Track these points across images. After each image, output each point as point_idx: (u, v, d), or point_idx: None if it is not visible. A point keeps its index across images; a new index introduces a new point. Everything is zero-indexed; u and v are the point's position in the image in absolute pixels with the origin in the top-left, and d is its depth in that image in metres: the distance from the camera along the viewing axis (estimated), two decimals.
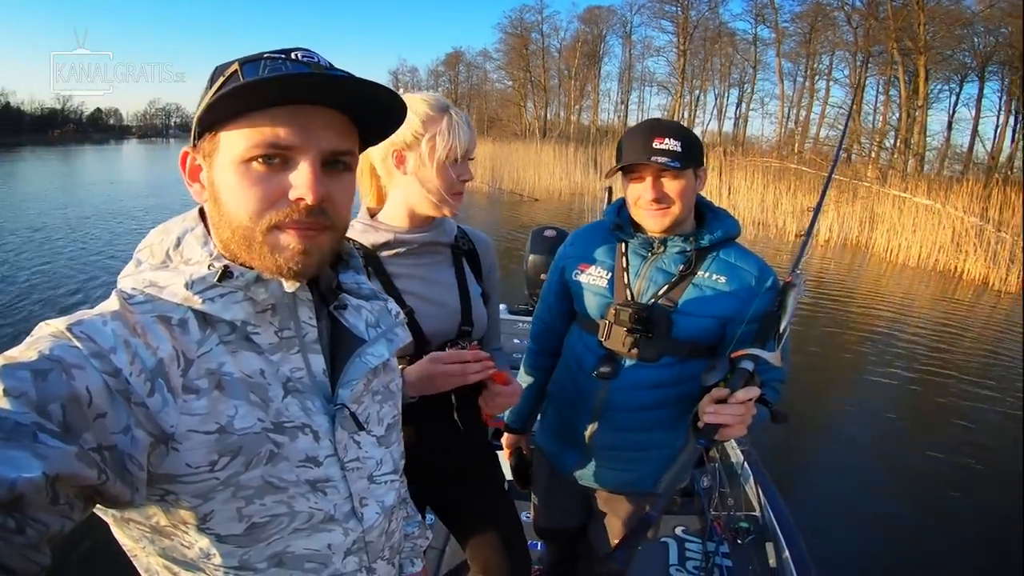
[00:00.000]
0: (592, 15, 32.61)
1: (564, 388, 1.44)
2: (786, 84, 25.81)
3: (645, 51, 31.59)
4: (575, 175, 18.27)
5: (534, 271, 3.66)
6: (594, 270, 1.35)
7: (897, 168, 16.21)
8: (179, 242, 0.62)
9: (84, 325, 0.52)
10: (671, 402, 1.29)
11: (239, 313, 0.60)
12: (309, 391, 0.66)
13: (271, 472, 0.61)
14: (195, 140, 0.61)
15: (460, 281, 1.21)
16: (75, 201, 14.51)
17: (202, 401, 0.56)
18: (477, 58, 39.81)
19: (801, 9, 24.15)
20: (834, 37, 22.99)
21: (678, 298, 1.25)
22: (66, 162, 29.18)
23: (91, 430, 0.48)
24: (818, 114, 24.16)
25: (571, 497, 1.53)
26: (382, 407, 0.78)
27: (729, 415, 1.07)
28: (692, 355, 1.27)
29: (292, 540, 0.65)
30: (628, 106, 32.58)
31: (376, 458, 0.76)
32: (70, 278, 7.39)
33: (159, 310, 0.57)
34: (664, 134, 1.21)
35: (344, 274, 0.76)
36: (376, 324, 0.75)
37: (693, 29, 28.23)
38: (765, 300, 1.22)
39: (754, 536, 2.27)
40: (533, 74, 34.79)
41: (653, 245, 1.28)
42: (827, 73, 24.10)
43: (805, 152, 18.91)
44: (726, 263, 1.27)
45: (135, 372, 0.52)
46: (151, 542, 0.61)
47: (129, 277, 0.60)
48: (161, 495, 0.56)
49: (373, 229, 1.15)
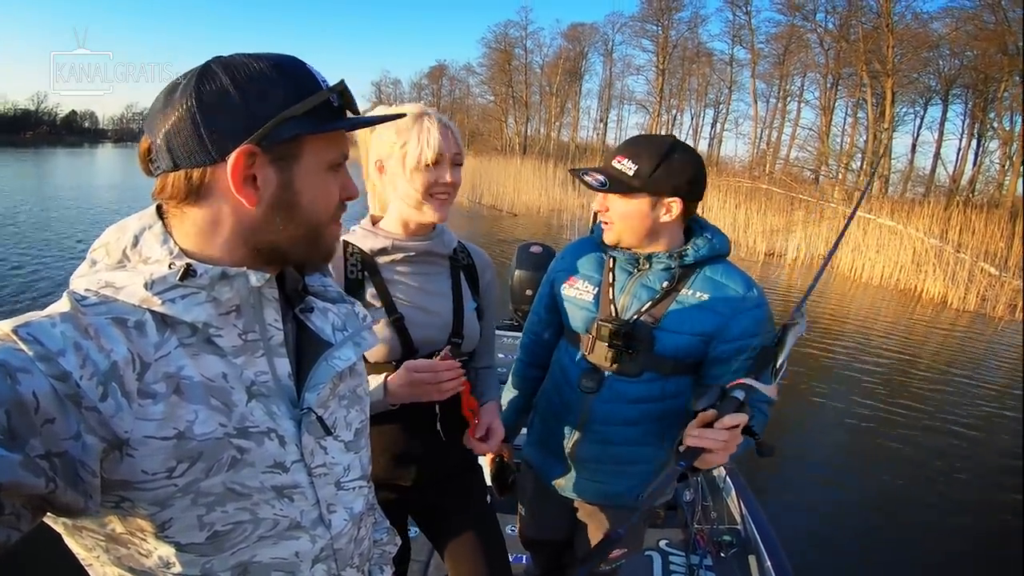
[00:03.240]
0: (575, 32, 33.13)
1: (550, 400, 1.46)
2: (760, 105, 26.54)
3: (625, 69, 32.20)
4: (554, 191, 18.47)
5: (519, 287, 3.69)
6: (581, 284, 1.37)
7: (862, 190, 16.61)
8: (137, 240, 0.60)
9: (31, 327, 0.49)
10: (653, 417, 1.30)
11: (201, 315, 0.58)
12: (274, 395, 0.64)
13: (233, 479, 0.60)
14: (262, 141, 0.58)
15: (455, 293, 1.22)
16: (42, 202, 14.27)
17: (159, 406, 0.54)
18: (460, 72, 40.13)
19: (776, 30, 24.87)
20: (806, 59, 23.64)
21: (660, 315, 1.26)
22: (38, 165, 28.59)
23: (39, 436, 0.46)
24: (789, 135, 24.84)
25: (557, 508, 1.54)
26: (349, 411, 0.77)
27: (712, 440, 1.05)
28: (675, 371, 1.28)
29: (258, 548, 0.64)
30: (607, 124, 33.10)
31: (344, 464, 0.75)
32: (31, 278, 7.26)
33: (115, 311, 0.55)
34: (627, 154, 1.22)
35: (310, 277, 0.75)
36: (343, 327, 0.75)
37: (672, 48, 28.81)
38: (749, 319, 1.23)
39: (737, 549, 2.31)
40: (515, 89, 35.11)
41: (639, 261, 1.29)
42: (799, 95, 24.79)
43: (776, 172, 19.32)
44: (711, 280, 1.26)
45: (86, 376, 0.50)
46: (106, 551, 0.59)
47: (83, 278, 0.58)
48: (116, 502, 0.55)
49: (372, 235, 1.17)
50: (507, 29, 34.88)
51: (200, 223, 0.61)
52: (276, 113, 0.58)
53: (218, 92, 0.57)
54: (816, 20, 22.36)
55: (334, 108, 0.62)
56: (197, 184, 0.59)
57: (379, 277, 1.16)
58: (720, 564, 2.26)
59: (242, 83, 0.58)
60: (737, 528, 2.43)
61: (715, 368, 1.26)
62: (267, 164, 0.60)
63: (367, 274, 1.16)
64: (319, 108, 0.60)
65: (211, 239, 0.61)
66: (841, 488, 3.95)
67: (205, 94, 0.57)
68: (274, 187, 0.61)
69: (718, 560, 2.27)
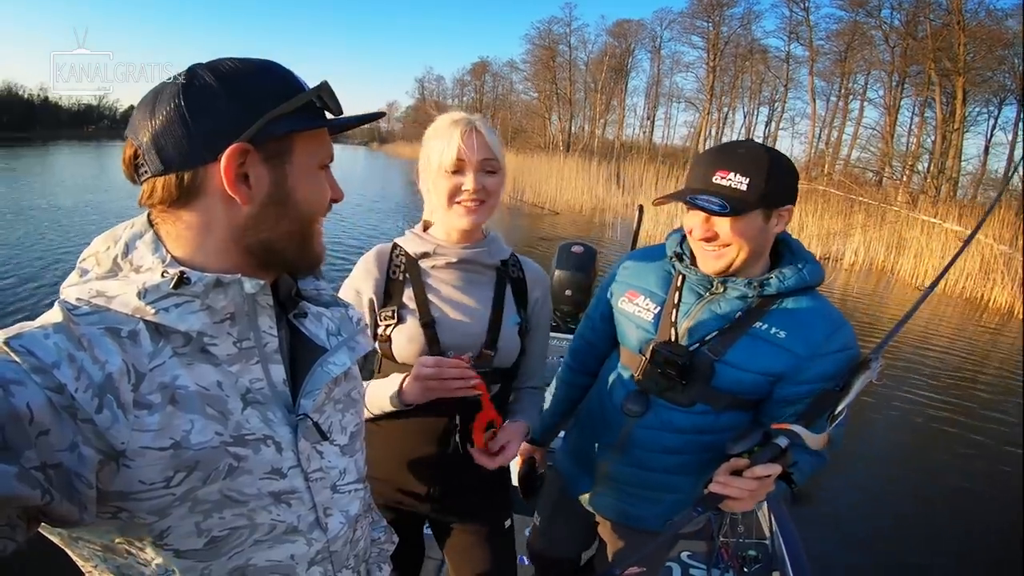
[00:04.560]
0: (621, 29, 32.67)
1: (592, 414, 1.37)
2: (818, 103, 25.43)
3: (674, 66, 31.49)
4: (597, 190, 18.19)
5: (559, 287, 3.61)
6: (642, 300, 1.25)
7: (928, 193, 15.81)
8: (128, 249, 0.59)
9: (24, 338, 0.49)
10: (698, 449, 1.19)
11: (195, 323, 0.58)
12: (270, 402, 0.65)
13: (230, 486, 0.60)
14: (254, 138, 0.58)
15: (496, 304, 1.19)
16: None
17: (155, 416, 0.54)
18: (503, 68, 40.40)
19: (837, 27, 23.84)
20: (870, 56, 22.58)
21: (726, 348, 1.12)
22: (97, 157, 30.08)
23: (33, 448, 0.46)
24: (850, 135, 23.76)
25: (574, 525, 1.49)
26: (344, 416, 0.77)
27: (737, 489, 0.98)
28: (730, 407, 1.16)
29: (254, 552, 0.64)
30: (654, 122, 32.47)
31: (340, 467, 0.75)
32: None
33: (107, 322, 0.54)
34: (730, 167, 1.05)
35: (303, 281, 0.75)
36: (337, 332, 0.75)
37: (724, 45, 28.01)
38: (830, 362, 1.08)
39: (762, 564, 2.21)
40: (559, 86, 34.88)
41: (712, 284, 1.15)
42: (862, 93, 23.69)
43: (835, 174, 18.53)
44: (793, 315, 1.11)
45: (81, 388, 0.50)
46: (103, 560, 0.59)
47: (74, 287, 0.57)
48: (113, 512, 0.54)
49: (419, 239, 1.19)
50: (551, 26, 34.77)
51: (192, 227, 0.60)
52: (266, 111, 0.58)
53: (207, 92, 0.57)
54: (881, 16, 21.41)
55: (317, 109, 0.63)
56: (188, 186, 0.58)
57: (419, 280, 1.16)
58: None
59: (230, 83, 0.58)
60: (765, 543, 2.31)
61: (777, 409, 1.13)
62: (259, 162, 0.60)
63: (407, 276, 1.17)
64: (306, 108, 0.61)
65: (203, 243, 0.61)
66: (884, 507, 3.70)
67: (193, 95, 0.57)
68: (267, 185, 0.61)
69: (741, 575, 2.17)
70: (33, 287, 6.71)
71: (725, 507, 1.03)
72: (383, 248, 1.21)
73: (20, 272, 7.28)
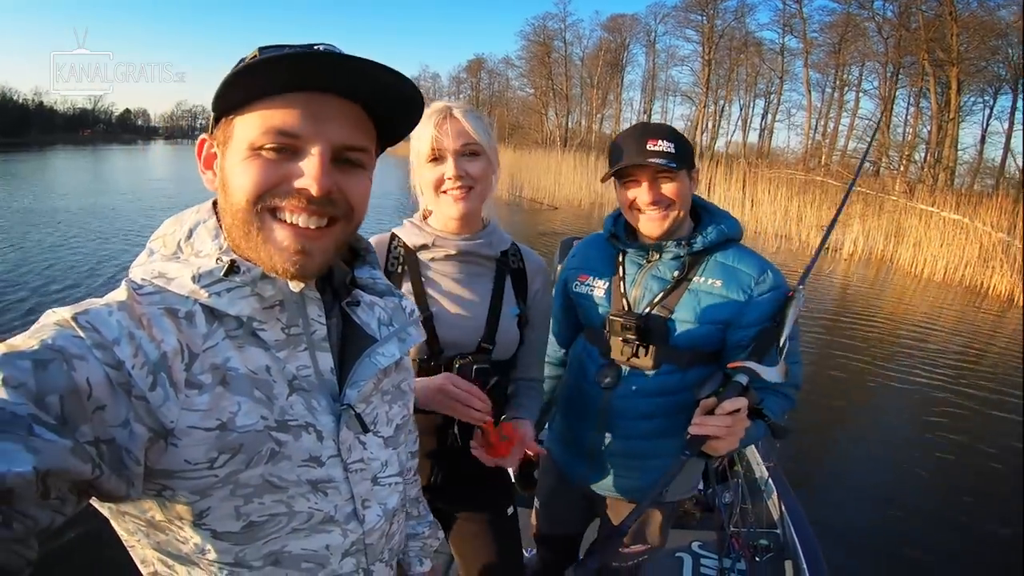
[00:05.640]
0: (616, 23, 32.73)
1: (570, 396, 1.45)
2: (814, 95, 25.57)
3: (669, 60, 31.56)
4: (595, 184, 18.19)
5: None
6: (591, 280, 1.37)
7: (926, 182, 15.89)
8: (191, 234, 0.61)
9: (90, 315, 0.51)
10: (673, 410, 1.26)
11: (245, 308, 0.59)
12: (315, 390, 0.65)
13: (271, 471, 0.61)
14: (212, 127, 0.61)
15: (495, 297, 1.18)
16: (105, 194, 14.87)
17: (204, 397, 0.55)
18: (499, 65, 40.40)
19: (831, 19, 23.95)
20: (864, 48, 22.67)
21: (673, 305, 1.25)
22: (95, 162, 29.97)
23: (89, 423, 0.47)
24: (846, 126, 23.91)
25: (573, 502, 1.54)
26: (391, 407, 0.77)
27: (713, 426, 1.06)
28: (694, 363, 1.26)
29: (289, 540, 0.64)
30: (651, 115, 32.34)
31: (382, 460, 0.74)
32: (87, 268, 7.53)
33: (167, 302, 0.56)
34: (657, 136, 1.20)
35: (360, 269, 0.75)
36: (389, 322, 0.74)
37: (719, 39, 28.08)
38: (766, 302, 1.20)
39: (773, 553, 2.22)
40: (555, 82, 34.89)
41: (649, 252, 1.28)
42: (856, 84, 23.80)
43: (832, 164, 18.61)
44: (723, 266, 1.24)
45: (138, 365, 0.51)
46: (146, 535, 0.60)
47: (140, 267, 0.60)
48: (158, 490, 0.56)
49: (419, 229, 1.17)
50: (546, 21, 34.87)
51: None
52: (219, 94, 0.57)
53: None
54: (874, 8, 21.47)
55: (277, 75, 0.56)
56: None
57: (417, 273, 1.15)
58: (754, 568, 2.16)
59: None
60: (776, 532, 2.33)
61: (735, 356, 1.20)
62: (216, 150, 0.61)
63: (406, 269, 1.15)
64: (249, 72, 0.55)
65: None
66: (890, 493, 3.70)
67: None
68: (219, 172, 0.61)
69: (752, 564, 2.17)
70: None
71: (709, 449, 1.09)
72: (381, 239, 1.19)
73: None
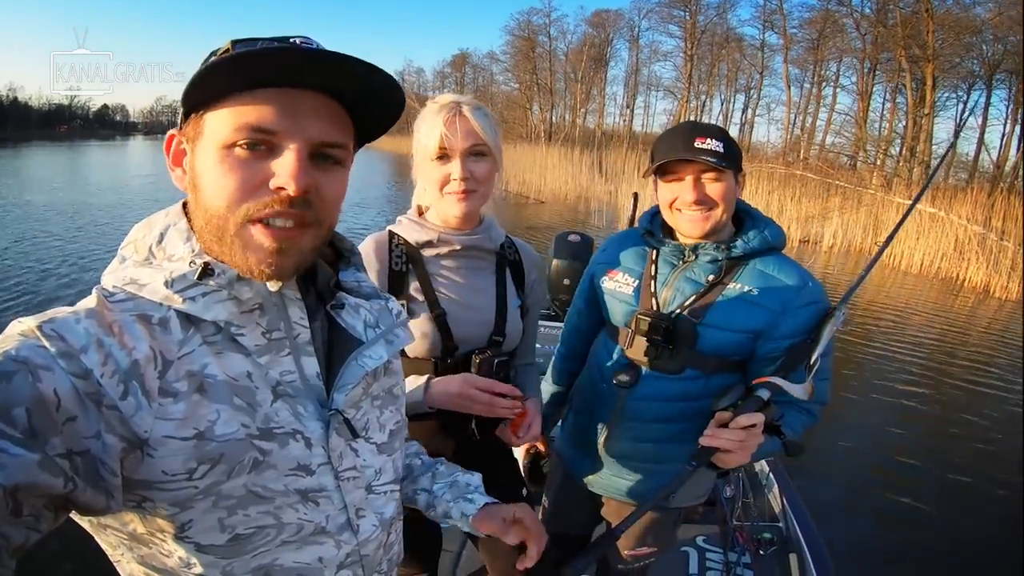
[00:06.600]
0: (600, 18, 32.79)
1: (585, 394, 1.41)
2: (793, 90, 25.88)
3: (652, 55, 31.78)
4: (581, 178, 18.33)
5: (557, 276, 3.63)
6: (621, 276, 1.32)
7: (902, 176, 16.24)
8: (162, 237, 0.59)
9: (56, 323, 0.49)
10: (692, 416, 1.21)
11: (222, 313, 0.56)
12: (301, 395, 0.62)
13: (256, 481, 0.58)
14: (181, 122, 0.58)
15: (500, 290, 1.19)
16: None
17: (180, 405, 0.53)
18: (484, 60, 40.23)
19: (810, 16, 24.25)
20: (842, 44, 22.98)
21: (705, 309, 1.19)
22: (72, 159, 29.27)
23: (59, 435, 0.45)
24: (824, 121, 24.23)
25: (581, 503, 1.50)
26: (383, 412, 0.74)
27: (726, 440, 1.04)
28: (718, 370, 1.21)
29: (280, 553, 0.62)
30: (634, 110, 32.75)
31: (375, 467, 0.72)
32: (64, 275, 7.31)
33: (139, 308, 0.54)
34: (706, 134, 1.15)
35: (344, 272, 0.72)
36: (375, 324, 0.71)
37: (701, 34, 28.30)
38: (802, 316, 1.15)
39: (777, 547, 2.22)
40: (539, 77, 34.83)
41: (684, 253, 1.23)
42: (834, 80, 24.15)
43: (811, 159, 18.90)
44: (762, 273, 1.19)
45: (107, 373, 0.49)
46: (129, 549, 0.58)
47: (112, 274, 0.58)
48: (138, 502, 0.54)
49: (419, 226, 1.14)
50: (530, 16, 34.78)
51: None
52: (186, 91, 0.54)
53: None
54: (852, 5, 21.77)
55: (250, 69, 0.53)
56: None
57: (423, 270, 1.13)
58: (759, 562, 2.18)
59: None
60: (778, 525, 2.35)
61: (761, 368, 1.17)
62: (185, 146, 0.59)
63: (411, 266, 1.13)
64: (221, 67, 0.52)
65: None
66: (894, 484, 3.78)
67: None
68: (188, 171, 0.59)
69: (757, 558, 2.19)
70: None
71: (719, 461, 1.07)
72: (380, 237, 1.16)
73: None
